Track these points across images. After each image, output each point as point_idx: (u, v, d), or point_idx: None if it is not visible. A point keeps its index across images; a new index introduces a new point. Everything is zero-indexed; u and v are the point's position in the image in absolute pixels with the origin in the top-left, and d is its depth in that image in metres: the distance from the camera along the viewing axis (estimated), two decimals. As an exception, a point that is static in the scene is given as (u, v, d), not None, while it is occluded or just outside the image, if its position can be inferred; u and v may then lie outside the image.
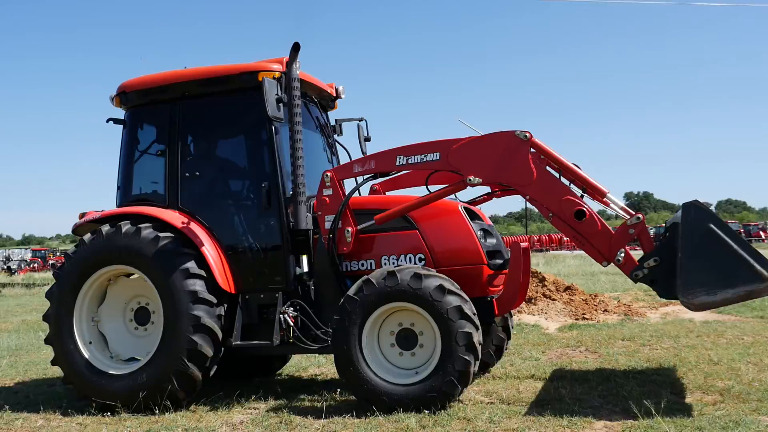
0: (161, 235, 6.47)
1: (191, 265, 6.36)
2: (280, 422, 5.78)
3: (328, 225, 6.56)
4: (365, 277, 6.01)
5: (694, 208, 5.43)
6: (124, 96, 7.20)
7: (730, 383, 6.33)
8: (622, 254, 5.92)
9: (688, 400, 5.83)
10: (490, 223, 6.94)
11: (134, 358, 6.78)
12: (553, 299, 12.45)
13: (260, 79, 6.35)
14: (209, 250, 6.54)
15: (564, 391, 6.27)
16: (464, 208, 6.63)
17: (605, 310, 12.13)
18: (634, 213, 5.91)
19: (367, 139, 7.97)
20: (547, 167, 6.15)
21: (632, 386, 6.31)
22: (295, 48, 6.33)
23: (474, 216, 6.73)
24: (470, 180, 6.25)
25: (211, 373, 6.52)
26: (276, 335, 6.42)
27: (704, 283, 5.30)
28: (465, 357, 5.65)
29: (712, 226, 5.34)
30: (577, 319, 11.61)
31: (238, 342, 6.55)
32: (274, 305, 6.56)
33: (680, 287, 5.33)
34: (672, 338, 9.31)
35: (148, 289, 6.64)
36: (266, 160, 6.76)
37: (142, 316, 6.87)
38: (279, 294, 6.56)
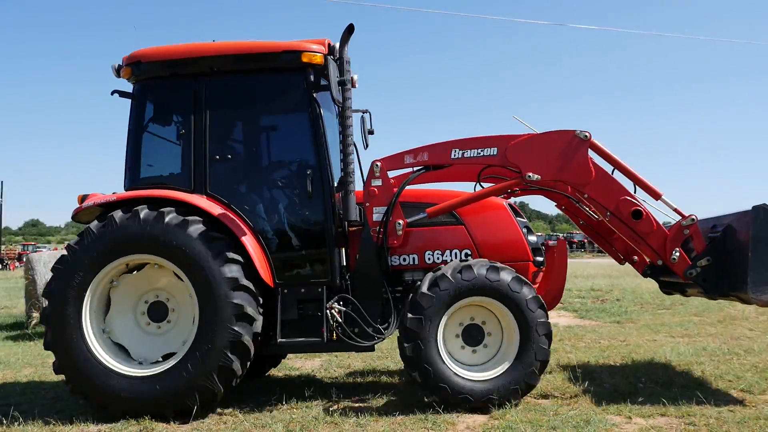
0: (203, 226, 5.91)
1: (235, 265, 5.86)
2: (140, 430, 5.57)
3: (376, 217, 6.36)
4: (462, 264, 5.92)
5: (763, 212, 5.71)
6: (137, 66, 6.43)
7: (584, 385, 6.69)
8: (677, 253, 6.16)
9: (545, 401, 6.12)
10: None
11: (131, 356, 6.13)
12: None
13: (304, 59, 6.18)
14: (249, 240, 6.06)
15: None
16: (508, 204, 6.63)
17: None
18: (687, 215, 6.17)
19: (371, 132, 7.36)
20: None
21: (495, 388, 6.52)
22: (349, 30, 6.03)
23: (516, 213, 6.69)
24: (529, 176, 6.26)
25: (245, 370, 6.02)
26: (327, 332, 6.04)
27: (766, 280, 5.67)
28: (544, 347, 5.79)
29: None
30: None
31: (283, 339, 6.08)
32: (314, 300, 6.18)
33: (750, 284, 5.64)
34: (536, 342, 9.72)
35: (167, 282, 6.14)
36: (309, 146, 6.33)
37: (157, 312, 6.20)
38: (323, 288, 6.19)
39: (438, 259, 6.40)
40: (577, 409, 5.72)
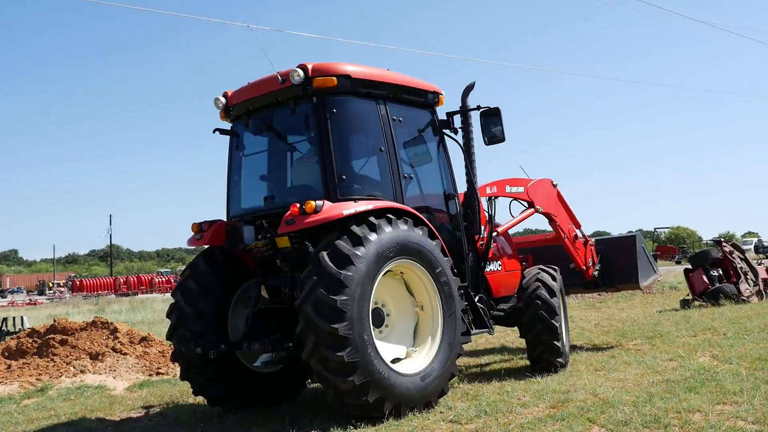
0: (437, 234, 6.88)
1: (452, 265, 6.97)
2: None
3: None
4: (549, 274, 8.38)
5: (638, 236, 10.21)
6: (343, 80, 6.70)
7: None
8: (590, 262, 9.85)
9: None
10: None
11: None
12: (125, 354, 11.32)
13: (440, 101, 7.71)
14: None
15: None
16: None
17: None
18: (590, 238, 10.03)
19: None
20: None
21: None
22: (471, 86, 7.97)
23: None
24: (538, 209, 9.04)
25: None
26: (490, 321, 7.82)
27: (644, 275, 10.11)
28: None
29: (643, 246, 10.23)
30: (150, 375, 10.72)
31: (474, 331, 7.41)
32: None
33: (639, 278, 9.93)
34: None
35: (387, 290, 6.66)
36: (448, 173, 7.70)
37: (373, 319, 6.33)
38: (464, 289, 7.31)
39: (488, 268, 8.30)
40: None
